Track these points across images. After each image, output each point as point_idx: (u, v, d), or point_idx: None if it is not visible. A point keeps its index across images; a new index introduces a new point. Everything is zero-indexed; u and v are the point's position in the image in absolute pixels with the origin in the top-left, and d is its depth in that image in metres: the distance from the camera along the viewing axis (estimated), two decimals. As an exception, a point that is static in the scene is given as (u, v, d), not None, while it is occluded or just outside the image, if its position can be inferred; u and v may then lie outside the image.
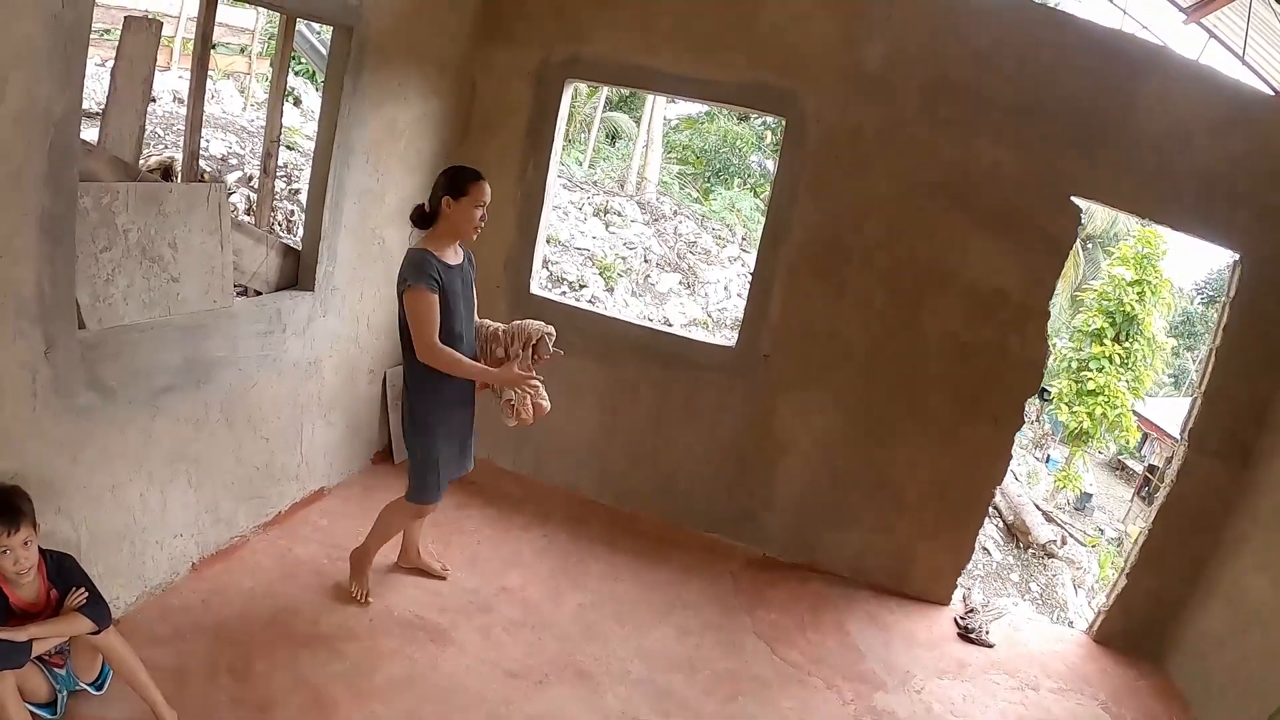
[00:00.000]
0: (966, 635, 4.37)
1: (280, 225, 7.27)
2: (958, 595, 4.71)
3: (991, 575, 8.93)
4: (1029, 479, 17.26)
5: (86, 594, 2.50)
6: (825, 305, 4.39)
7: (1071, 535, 12.36)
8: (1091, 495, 19.30)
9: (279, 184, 8.01)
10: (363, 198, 4.03)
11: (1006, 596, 8.12)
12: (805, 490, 4.62)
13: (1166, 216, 4.19)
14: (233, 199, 7.15)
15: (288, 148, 9.16)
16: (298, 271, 3.88)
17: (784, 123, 4.33)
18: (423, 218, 3.24)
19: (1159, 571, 4.40)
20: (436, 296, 3.10)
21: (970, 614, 4.52)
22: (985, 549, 9.05)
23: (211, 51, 3.51)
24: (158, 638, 3.06)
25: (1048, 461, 20.56)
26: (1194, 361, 25.38)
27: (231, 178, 7.63)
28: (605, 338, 4.76)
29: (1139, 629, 4.51)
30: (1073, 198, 4.09)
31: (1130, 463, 24.00)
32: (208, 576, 3.48)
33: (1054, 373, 17.82)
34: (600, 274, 11.73)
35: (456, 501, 4.51)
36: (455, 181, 3.16)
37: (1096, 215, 22.42)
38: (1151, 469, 20.57)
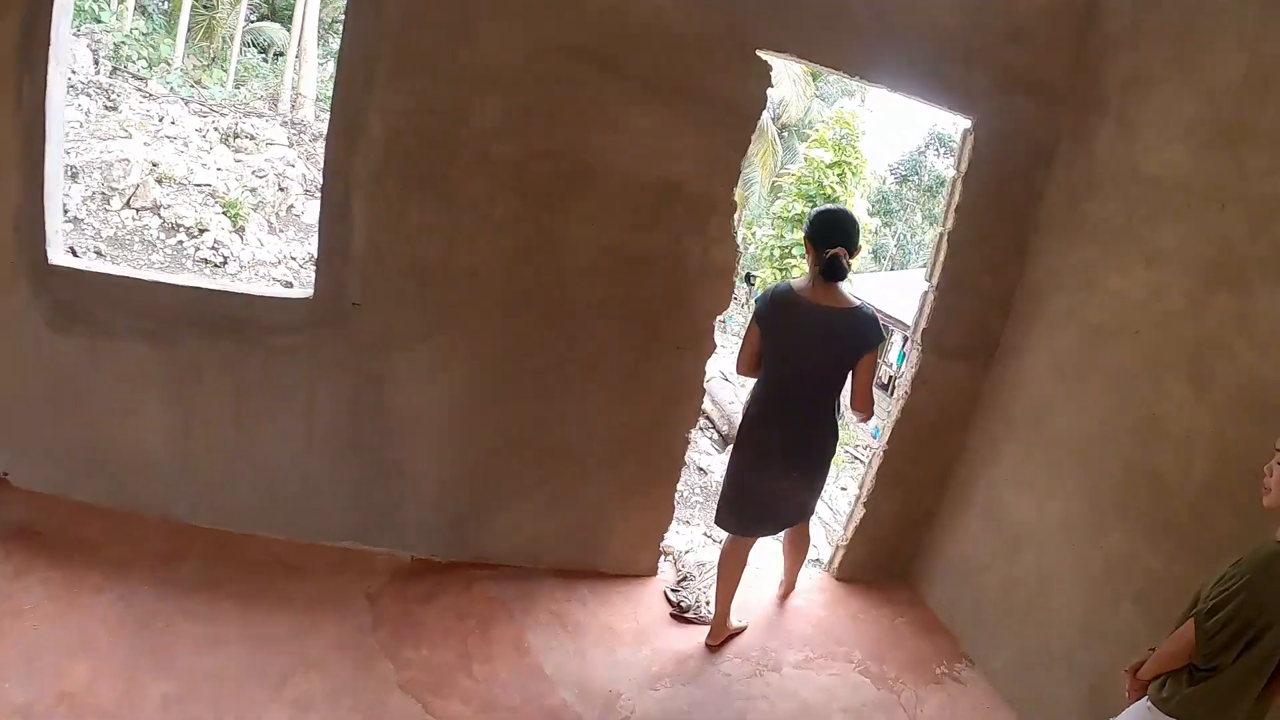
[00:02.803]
0: (681, 614, 3.54)
1: None
2: (678, 549, 3.94)
3: (712, 495, 8.07)
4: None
5: None
6: (430, 223, 3.17)
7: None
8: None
9: None
10: None
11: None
12: (450, 469, 3.50)
13: (885, 76, 3.38)
14: None
15: None
16: None
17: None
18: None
19: (903, 493, 3.90)
20: None
21: (683, 583, 3.71)
22: (701, 469, 8.38)
23: None
24: None
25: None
26: (893, 239, 27.23)
27: None
28: (152, 310, 3.24)
29: (886, 560, 4.05)
30: (759, 52, 3.15)
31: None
32: None
33: (758, 261, 18.09)
34: (225, 212, 9.82)
35: (13, 569, 3.02)
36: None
37: (791, 105, 22.82)
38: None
